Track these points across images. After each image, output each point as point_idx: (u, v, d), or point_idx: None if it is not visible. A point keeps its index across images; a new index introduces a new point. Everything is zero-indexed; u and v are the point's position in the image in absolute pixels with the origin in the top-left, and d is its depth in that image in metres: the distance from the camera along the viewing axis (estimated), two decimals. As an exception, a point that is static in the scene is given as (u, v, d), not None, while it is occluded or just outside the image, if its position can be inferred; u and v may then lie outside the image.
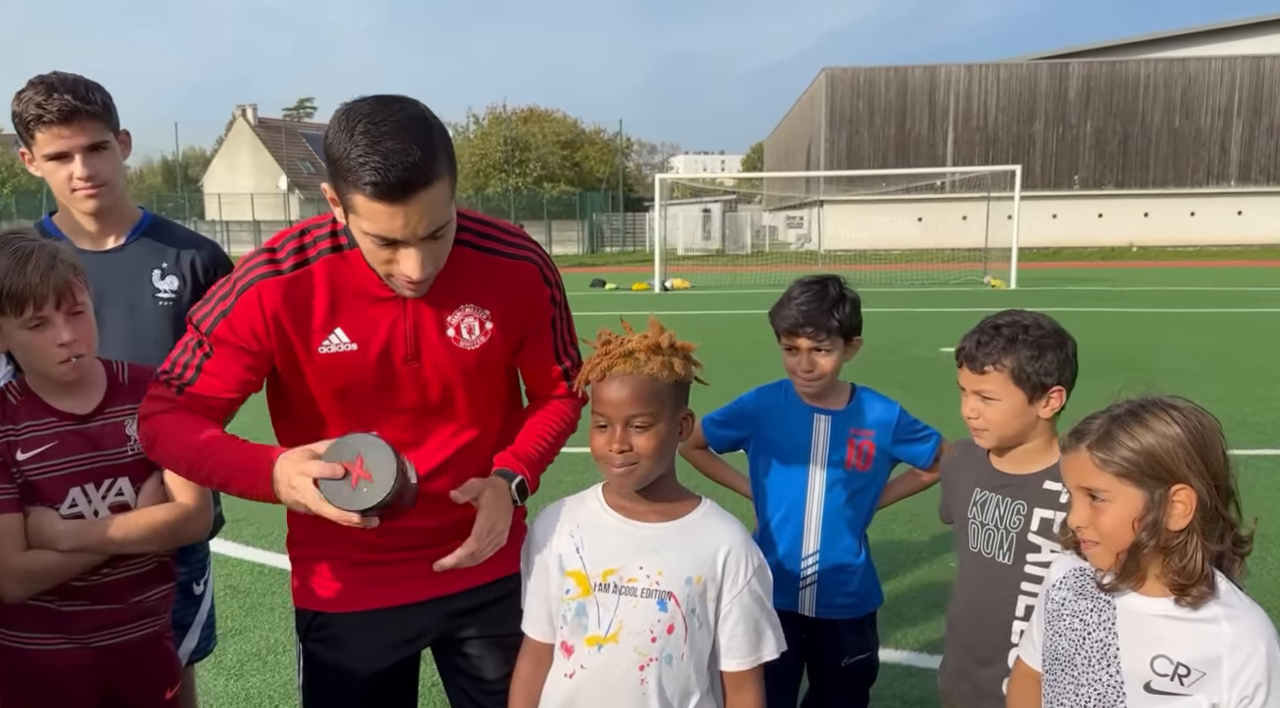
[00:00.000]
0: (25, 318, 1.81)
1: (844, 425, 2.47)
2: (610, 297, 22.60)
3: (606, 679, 1.79)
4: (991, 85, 45.61)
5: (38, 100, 2.16)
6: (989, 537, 2.11)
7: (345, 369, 1.84)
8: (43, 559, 1.84)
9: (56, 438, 1.89)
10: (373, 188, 1.57)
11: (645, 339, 1.77)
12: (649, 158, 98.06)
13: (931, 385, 9.74)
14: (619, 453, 1.75)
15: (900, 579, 4.68)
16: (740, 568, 1.80)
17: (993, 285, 24.12)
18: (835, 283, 2.47)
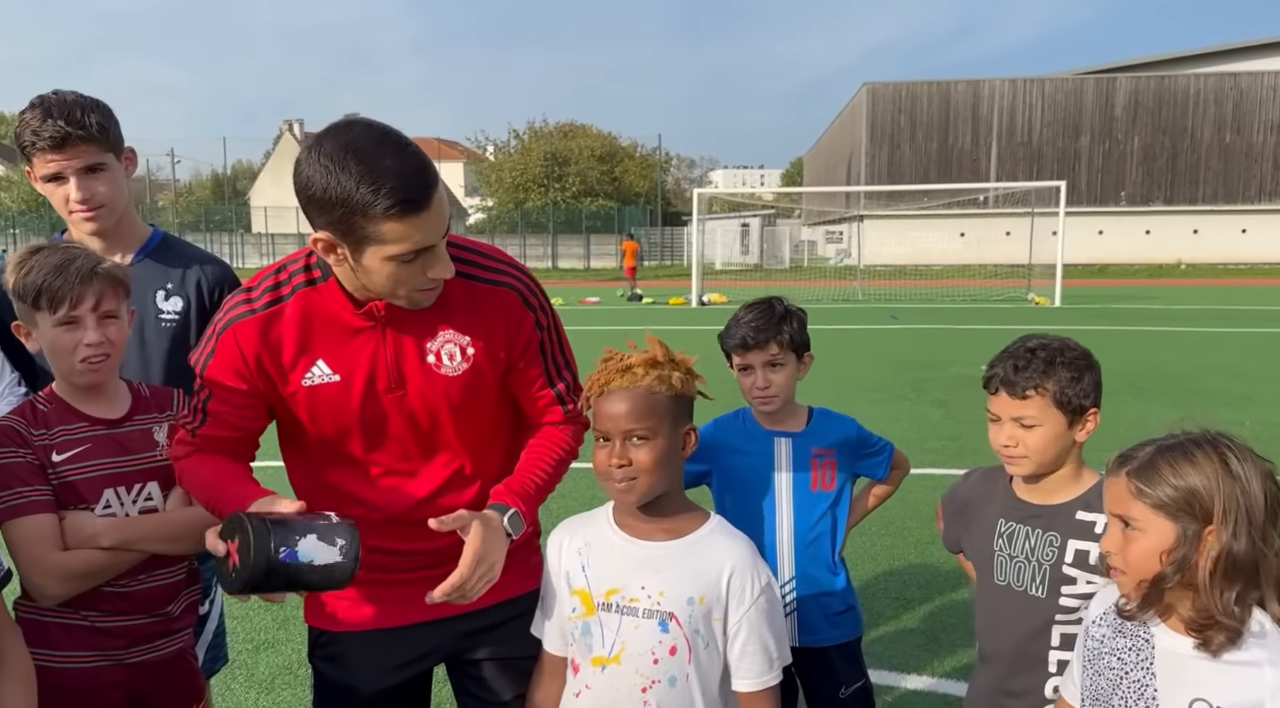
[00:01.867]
0: (59, 315, 1.88)
1: (806, 446, 2.47)
2: (646, 311, 22.62)
3: (610, 701, 1.79)
4: (1036, 100, 45.11)
5: (33, 126, 2.17)
6: (1019, 570, 2.04)
7: (329, 400, 1.85)
8: (83, 558, 1.87)
9: (90, 441, 1.94)
10: (401, 207, 1.58)
11: (643, 354, 1.78)
12: (688, 172, 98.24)
13: (973, 405, 9.54)
14: (618, 467, 1.75)
15: (938, 606, 4.59)
16: (746, 588, 1.78)
17: (1037, 302, 23.78)
18: (780, 301, 2.49)
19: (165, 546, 1.98)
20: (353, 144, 1.59)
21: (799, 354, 2.47)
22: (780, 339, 2.42)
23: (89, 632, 1.92)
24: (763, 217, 49.16)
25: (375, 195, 1.57)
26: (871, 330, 17.28)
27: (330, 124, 1.64)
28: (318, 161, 1.59)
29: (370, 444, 1.89)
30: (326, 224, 1.64)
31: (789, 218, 56.47)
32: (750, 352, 2.43)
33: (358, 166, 1.57)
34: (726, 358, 2.51)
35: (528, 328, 1.93)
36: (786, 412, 2.48)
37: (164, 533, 1.97)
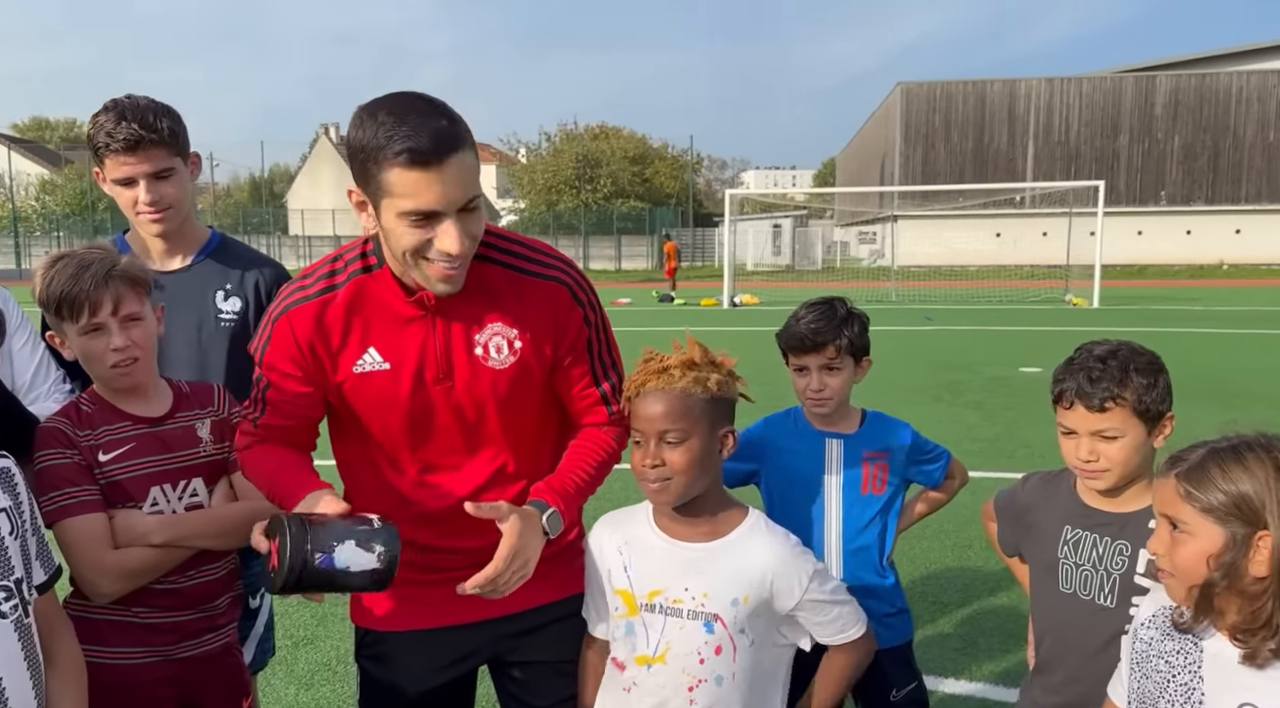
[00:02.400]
0: (82, 324, 1.90)
1: (858, 449, 2.43)
2: (678, 312, 22.60)
3: (657, 699, 1.82)
4: (1074, 99, 44.50)
5: (107, 128, 2.22)
6: (1085, 578, 1.99)
7: (379, 389, 1.86)
8: (135, 556, 1.90)
9: (134, 440, 1.96)
10: (408, 155, 1.58)
11: (681, 356, 1.79)
12: (719, 173, 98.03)
13: (1009, 407, 9.49)
14: (652, 468, 1.77)
15: (976, 610, 4.54)
16: (794, 582, 1.81)
17: (1074, 304, 23.45)
18: (842, 303, 2.45)
19: (213, 541, 2.01)
20: (390, 102, 1.64)
21: (857, 358, 2.42)
22: (838, 343, 2.36)
23: (139, 628, 1.95)
24: (795, 217, 48.93)
25: (389, 141, 1.59)
26: (906, 332, 17.13)
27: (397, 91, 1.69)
28: (359, 116, 1.65)
29: (416, 436, 1.90)
30: (355, 176, 1.70)
31: (821, 218, 56.16)
32: (807, 354, 2.39)
33: (385, 117, 1.61)
34: (783, 355, 2.47)
35: (575, 323, 1.93)
36: (840, 413, 2.45)
37: (212, 529, 2.00)
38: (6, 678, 1.54)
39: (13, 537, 1.60)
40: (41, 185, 56.08)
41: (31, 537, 1.67)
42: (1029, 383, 11.04)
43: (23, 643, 1.58)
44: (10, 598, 1.57)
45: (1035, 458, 7.15)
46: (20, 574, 1.60)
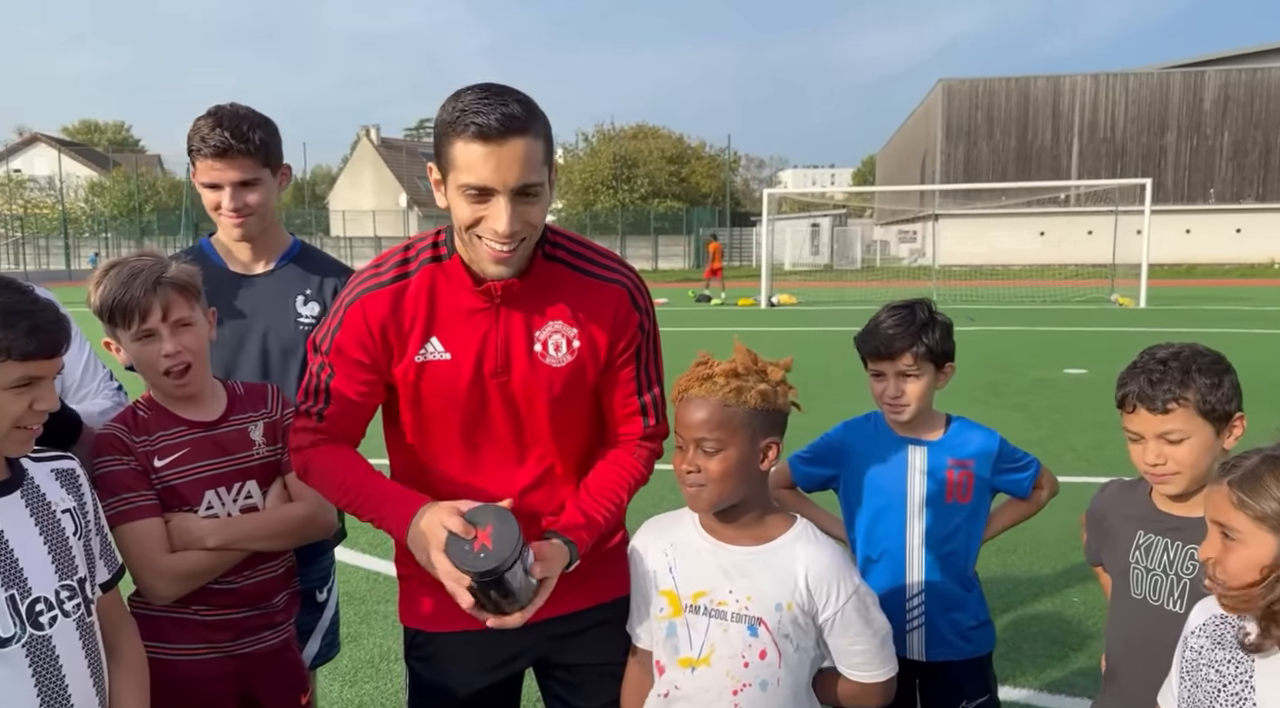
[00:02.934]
0: (134, 330, 1.95)
1: (941, 456, 2.37)
2: (715, 312, 22.56)
3: (700, 702, 1.81)
4: (1120, 95, 43.74)
5: (202, 132, 2.31)
6: (1156, 583, 1.96)
7: (438, 378, 1.88)
8: (192, 559, 1.94)
9: (189, 444, 2.00)
10: (475, 128, 1.66)
11: (726, 364, 1.78)
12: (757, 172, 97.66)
13: (1053, 409, 9.35)
14: (689, 473, 1.78)
15: (1019, 616, 4.48)
16: (833, 593, 1.78)
17: (1120, 303, 23.05)
18: (924, 306, 2.38)
19: (267, 544, 2.04)
20: (477, 87, 1.72)
21: (938, 364, 2.34)
22: (916, 350, 2.30)
23: (200, 625, 1.99)
24: (833, 216, 48.61)
25: (461, 116, 1.67)
26: (947, 332, 16.92)
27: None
28: (448, 100, 1.73)
29: (470, 430, 1.92)
30: (435, 154, 1.76)
31: (860, 217, 55.75)
32: (883, 360, 2.33)
33: (467, 99, 1.69)
34: (862, 360, 2.43)
35: (632, 328, 1.95)
36: (923, 420, 2.38)
37: (266, 531, 2.03)
38: (69, 674, 1.58)
39: (76, 537, 1.65)
40: (90, 188, 57.35)
41: (95, 536, 1.72)
42: (1074, 385, 10.87)
43: (84, 641, 1.62)
44: (74, 597, 1.61)
45: (1080, 462, 7.03)
46: (83, 574, 1.65)
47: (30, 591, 1.54)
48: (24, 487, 1.60)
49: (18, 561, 1.53)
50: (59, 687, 1.56)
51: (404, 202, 56.66)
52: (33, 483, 1.62)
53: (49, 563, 1.58)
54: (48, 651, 1.55)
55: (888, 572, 2.39)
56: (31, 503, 1.60)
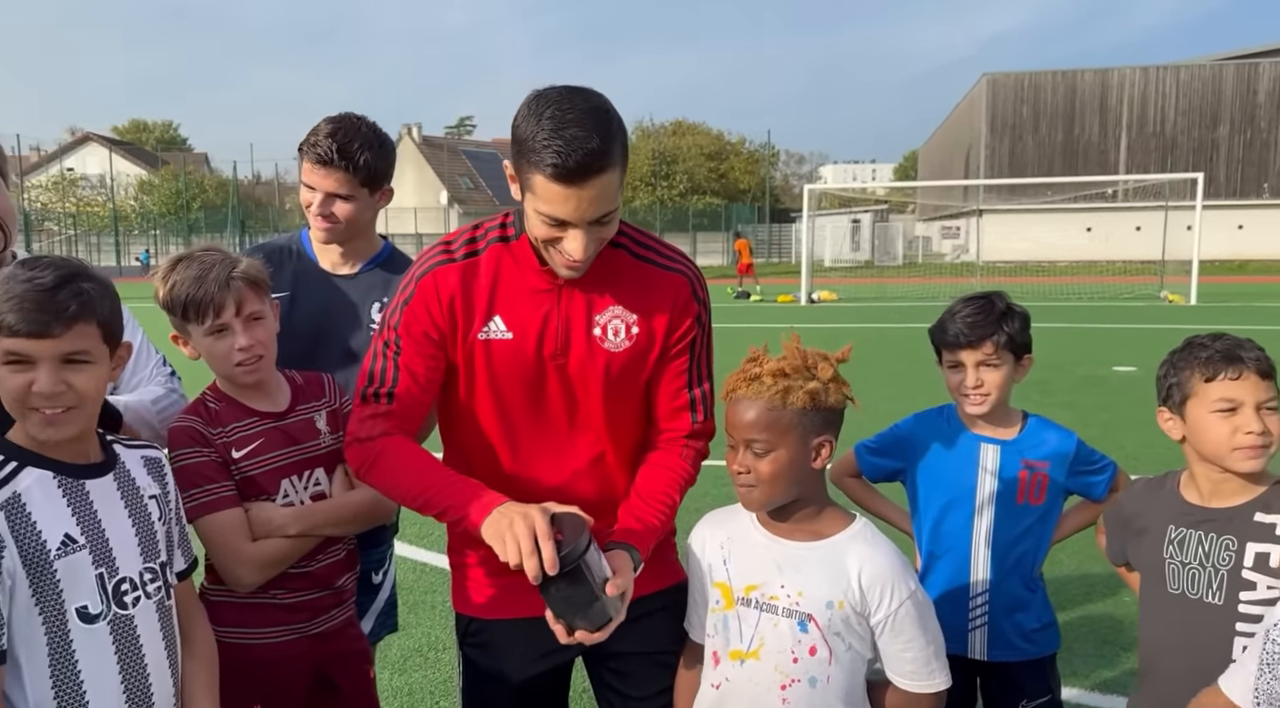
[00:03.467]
0: (207, 325, 1.98)
1: (1015, 456, 2.32)
2: (754, 309, 22.47)
3: (749, 695, 1.80)
4: (1170, 88, 42.83)
5: (317, 136, 2.36)
6: (1193, 577, 1.94)
7: (499, 358, 1.90)
8: (274, 547, 1.99)
9: (262, 435, 2.04)
10: (553, 170, 1.65)
11: (774, 364, 1.75)
12: (796, 168, 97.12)
13: (1100, 407, 9.19)
14: (739, 474, 1.76)
15: (1066, 616, 4.42)
16: (887, 595, 1.75)
17: (1170, 300, 22.58)
18: (1000, 297, 2.34)
19: (339, 529, 2.10)
20: (559, 103, 1.68)
21: (1018, 355, 2.31)
22: (997, 339, 2.27)
23: (278, 609, 2.04)
24: (875, 212, 48.18)
25: (543, 150, 1.66)
26: (991, 329, 16.70)
27: (579, 87, 1.75)
28: (534, 102, 1.71)
29: (527, 411, 1.93)
30: (512, 156, 1.77)
31: (902, 213, 55.18)
32: (962, 349, 2.29)
33: (549, 122, 1.66)
34: (936, 353, 2.40)
35: (690, 318, 1.95)
36: (998, 416, 2.34)
37: (339, 517, 2.09)
38: (148, 655, 1.63)
39: (160, 523, 1.70)
40: (139, 186, 58.52)
41: (175, 525, 1.77)
42: (1123, 383, 10.69)
43: (163, 623, 1.67)
44: (155, 580, 1.66)
45: (1130, 461, 6.85)
46: (165, 558, 1.70)
47: (118, 570, 1.59)
48: (116, 470, 1.65)
49: (108, 540, 1.58)
50: (139, 666, 1.61)
51: (444, 199, 57.11)
52: (124, 467, 1.67)
53: (135, 545, 1.63)
54: (130, 630, 1.60)
55: (951, 569, 2.37)
56: (123, 486, 1.65)
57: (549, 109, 1.68)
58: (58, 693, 1.52)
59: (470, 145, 66.90)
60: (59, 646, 1.52)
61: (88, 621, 1.54)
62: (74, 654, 1.53)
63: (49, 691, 1.52)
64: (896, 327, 16.72)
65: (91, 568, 1.54)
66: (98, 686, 1.55)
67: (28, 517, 1.49)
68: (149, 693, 1.62)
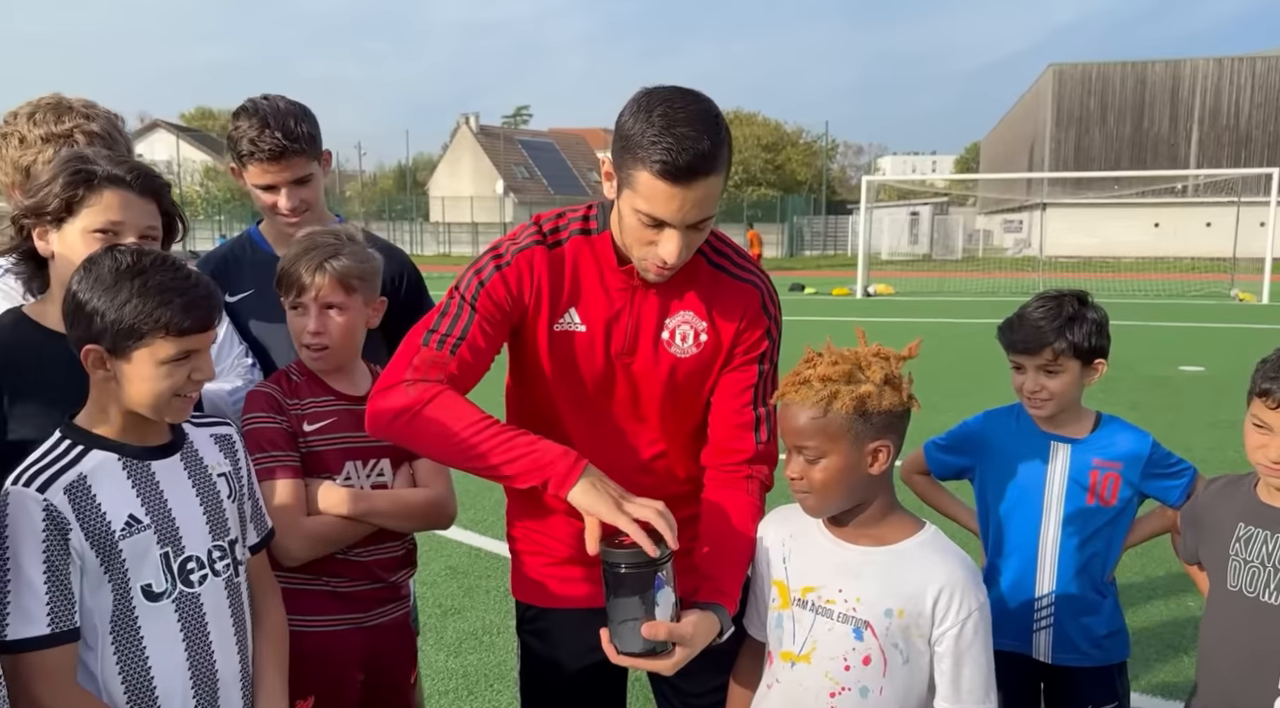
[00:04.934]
0: (290, 300, 2.07)
1: (1086, 456, 2.28)
2: (809, 301, 22.28)
3: (796, 699, 1.75)
4: (1245, 80, 41.39)
5: (250, 136, 2.27)
6: (1253, 575, 1.92)
7: (570, 350, 1.90)
8: (326, 523, 2.00)
9: (335, 414, 2.07)
10: (661, 166, 1.63)
11: (824, 367, 1.67)
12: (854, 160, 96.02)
13: (1167, 408, 8.96)
14: (793, 480, 1.72)
15: (1134, 618, 4.32)
16: (953, 608, 1.66)
17: (1241, 299, 21.87)
18: (1074, 300, 2.28)
19: (395, 522, 2.10)
20: (670, 102, 1.66)
21: (1086, 360, 2.25)
22: (1057, 346, 2.21)
23: (332, 597, 2.05)
24: (934, 205, 47.41)
25: (651, 147, 1.63)
26: (1052, 326, 16.34)
27: (690, 89, 1.73)
28: (645, 99, 1.69)
29: (591, 404, 1.94)
30: (613, 151, 1.75)
31: (963, 206, 54.23)
32: (1022, 354, 2.26)
33: (660, 119, 1.64)
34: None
35: (759, 331, 1.94)
36: (1069, 416, 2.30)
37: (396, 509, 2.09)
38: (214, 633, 1.65)
39: (230, 501, 1.73)
40: (205, 172, 59.92)
41: (248, 501, 1.80)
42: (1190, 382, 10.40)
43: (231, 602, 1.70)
44: (224, 558, 1.69)
45: (1197, 462, 6.65)
46: (235, 535, 1.73)
47: (184, 549, 1.62)
48: (184, 450, 1.69)
49: (175, 520, 1.61)
50: (204, 644, 1.63)
51: (500, 188, 57.55)
52: (192, 447, 1.71)
53: (203, 523, 1.66)
54: (196, 608, 1.63)
55: (1017, 569, 2.33)
56: (190, 465, 1.68)
57: (660, 107, 1.66)
58: (123, 670, 1.56)
59: (526, 135, 67.30)
60: (125, 624, 1.56)
61: (153, 599, 1.57)
62: (139, 632, 1.57)
63: (114, 667, 1.55)
64: (955, 322, 16.43)
65: (156, 547, 1.58)
66: (163, 663, 1.58)
67: (93, 499, 1.53)
68: (214, 671, 1.65)
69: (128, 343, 1.53)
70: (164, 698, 1.59)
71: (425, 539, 5.72)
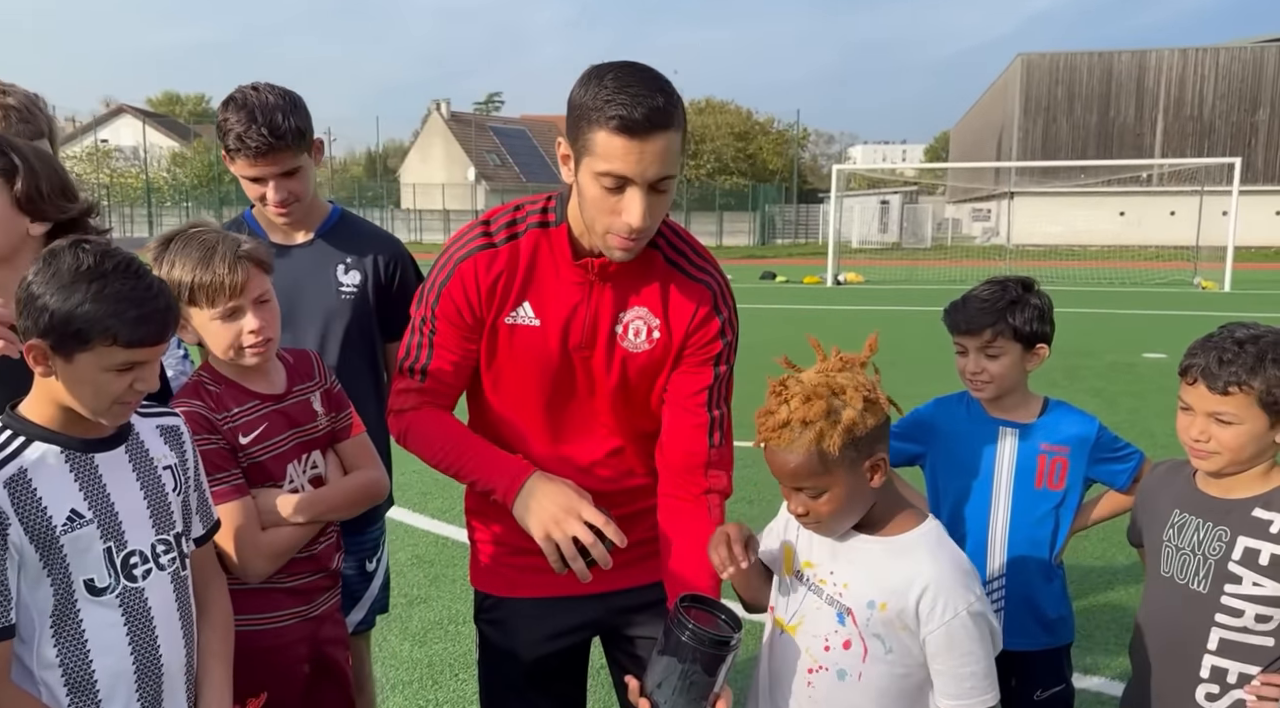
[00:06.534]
0: (219, 309, 1.88)
1: (1034, 440, 2.31)
2: (780, 290, 22.35)
3: (780, 666, 1.77)
4: (1209, 71, 41.94)
5: (237, 131, 2.23)
6: (1183, 562, 1.94)
7: (524, 343, 1.89)
8: (285, 535, 1.95)
9: (265, 419, 1.97)
10: (618, 121, 1.63)
11: (798, 408, 1.60)
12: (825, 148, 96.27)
13: (1130, 394, 9.09)
14: (800, 516, 1.69)
15: (1091, 602, 4.39)
16: (938, 608, 1.62)
17: (1204, 287, 22.22)
18: (1018, 285, 2.31)
19: (344, 513, 2.07)
20: (618, 69, 1.69)
21: (1027, 344, 2.28)
22: (998, 328, 2.24)
23: (283, 594, 2.00)
24: (904, 194, 47.71)
25: (605, 104, 1.64)
26: (1019, 314, 16.50)
27: (636, 61, 1.74)
28: (593, 71, 1.71)
29: (546, 399, 1.93)
30: (567, 130, 1.75)
31: (932, 195, 54.59)
32: (963, 335, 2.29)
33: (610, 82, 1.66)
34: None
35: (712, 332, 1.91)
36: (1015, 401, 2.33)
37: (345, 501, 2.06)
38: (160, 627, 1.62)
39: (176, 493, 1.69)
40: (172, 158, 58.92)
41: (194, 492, 1.76)
42: (1153, 369, 10.55)
43: (177, 595, 1.67)
44: (169, 551, 1.66)
45: (1158, 449, 6.82)
46: (180, 529, 1.69)
47: (126, 543, 1.58)
48: (129, 442, 1.64)
49: (117, 514, 1.58)
50: (149, 639, 1.60)
51: (472, 175, 57.14)
52: (137, 438, 1.67)
53: (147, 517, 1.62)
54: (140, 603, 1.59)
55: (969, 554, 2.32)
56: (135, 458, 1.64)
57: (610, 73, 1.67)
58: (64, 666, 1.52)
59: (498, 122, 66.78)
60: (66, 619, 1.52)
61: (95, 594, 1.54)
62: (81, 627, 1.53)
63: (55, 664, 1.52)
64: (924, 309, 16.56)
65: (99, 542, 1.54)
66: (106, 659, 1.55)
67: (33, 493, 1.49)
68: (159, 665, 1.62)
69: (73, 345, 1.48)
70: (106, 694, 1.56)
71: (392, 528, 5.72)
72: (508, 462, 1.86)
